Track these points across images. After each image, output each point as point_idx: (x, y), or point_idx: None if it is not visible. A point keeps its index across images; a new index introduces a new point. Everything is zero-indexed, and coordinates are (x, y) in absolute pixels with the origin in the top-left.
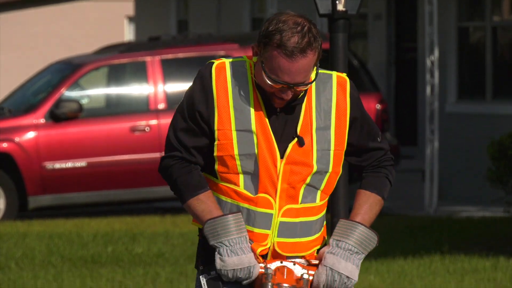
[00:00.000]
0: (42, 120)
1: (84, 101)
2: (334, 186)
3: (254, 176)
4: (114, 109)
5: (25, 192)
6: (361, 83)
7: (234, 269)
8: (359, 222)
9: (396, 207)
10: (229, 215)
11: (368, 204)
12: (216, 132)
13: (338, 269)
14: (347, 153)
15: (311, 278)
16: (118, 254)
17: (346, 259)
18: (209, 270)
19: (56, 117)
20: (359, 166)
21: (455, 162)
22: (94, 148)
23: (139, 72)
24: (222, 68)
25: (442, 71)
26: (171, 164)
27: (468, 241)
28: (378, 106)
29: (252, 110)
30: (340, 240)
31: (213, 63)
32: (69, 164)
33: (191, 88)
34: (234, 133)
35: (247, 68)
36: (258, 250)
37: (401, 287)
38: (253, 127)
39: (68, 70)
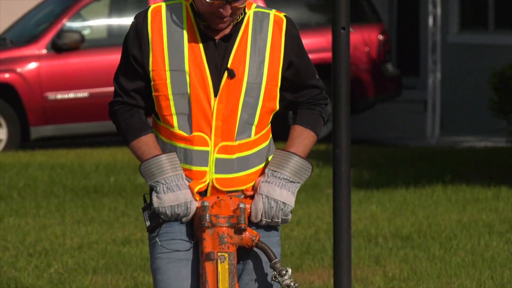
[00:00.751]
0: (44, 51)
1: (86, 32)
2: (269, 121)
3: (188, 116)
4: (116, 39)
5: (27, 122)
6: (363, 14)
7: (171, 206)
8: (293, 153)
9: (398, 137)
10: (163, 155)
11: (302, 137)
12: (151, 73)
13: (273, 196)
14: (283, 88)
15: (247, 206)
16: (120, 184)
17: (281, 187)
18: (151, 205)
19: (58, 47)
20: (295, 102)
21: (457, 93)
22: (96, 78)
23: (141, 3)
24: (158, 11)
25: (444, 1)
26: (115, 109)
27: (470, 171)
28: (380, 37)
29: (186, 49)
30: (275, 170)
31: (149, 7)
32: (71, 95)
33: (126, 34)
34: (168, 73)
35: (183, 9)
36: (197, 188)
37: (403, 217)
38: (186, 67)
39: (70, 1)
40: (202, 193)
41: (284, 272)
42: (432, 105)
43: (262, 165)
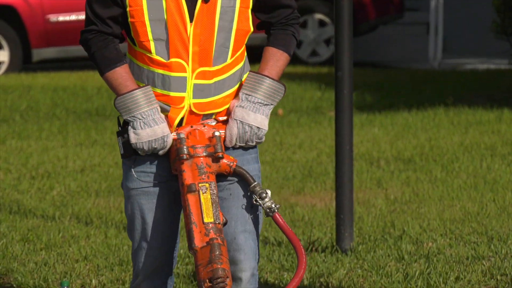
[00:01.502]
0: None
1: None
2: (245, 43)
3: (165, 42)
4: None
5: (29, 44)
6: None
7: (149, 141)
8: (266, 76)
9: (400, 60)
10: (137, 90)
11: (275, 59)
12: None
13: (248, 121)
14: (256, 9)
15: (222, 134)
16: None
17: (255, 111)
18: (124, 133)
19: None
20: (267, 23)
21: (460, 15)
22: None
23: None
24: None
25: None
26: (89, 38)
27: (472, 94)
28: None
29: None
30: (249, 94)
31: None
32: (72, 17)
33: None
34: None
35: None
36: (178, 118)
37: (405, 139)
38: None
39: None
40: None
41: (264, 194)
42: (435, 27)
43: (236, 87)
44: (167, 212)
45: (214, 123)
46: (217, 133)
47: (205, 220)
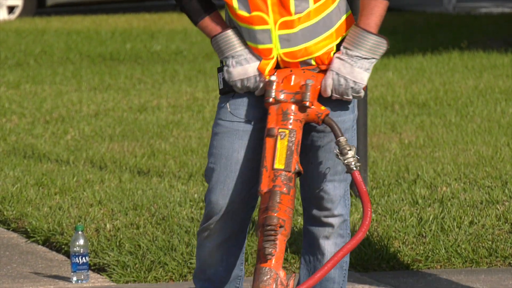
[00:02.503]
0: None
1: None
2: None
3: None
4: None
5: None
6: None
7: (241, 79)
8: (367, 31)
9: (415, 3)
10: (229, 30)
11: (375, 8)
12: None
13: (343, 74)
14: None
15: (315, 83)
16: (136, 51)
17: (353, 64)
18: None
19: None
20: None
21: None
22: None
23: None
24: None
25: None
26: None
27: (486, 37)
28: None
29: None
30: (349, 49)
31: None
32: None
33: None
34: None
35: None
36: (268, 67)
37: (420, 83)
38: None
39: None
40: (277, 67)
41: (346, 150)
42: None
43: (332, 30)
44: (251, 154)
45: (316, 71)
46: (309, 81)
47: (275, 166)
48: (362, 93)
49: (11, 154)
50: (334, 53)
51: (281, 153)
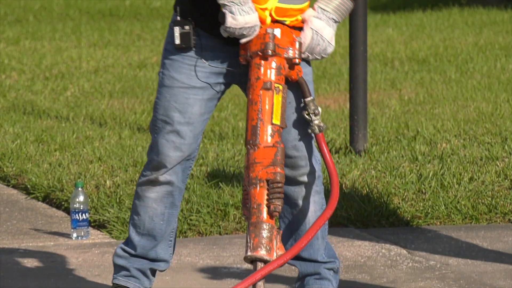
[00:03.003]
0: None
1: None
2: None
3: None
4: None
5: None
6: None
7: (242, 27)
8: None
9: None
10: None
11: None
12: None
13: (323, 34)
14: None
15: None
16: (136, 7)
17: (330, 26)
18: (184, 24)
19: None
20: None
21: None
22: None
23: None
24: None
25: None
26: None
27: None
28: None
29: None
30: (323, 9)
31: None
32: None
33: None
34: None
35: None
36: (268, 19)
37: (419, 40)
38: None
39: None
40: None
41: (317, 111)
42: None
43: (308, 3)
44: (204, 107)
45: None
46: (298, 39)
47: (274, 121)
48: (327, 56)
49: (10, 111)
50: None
51: (277, 108)
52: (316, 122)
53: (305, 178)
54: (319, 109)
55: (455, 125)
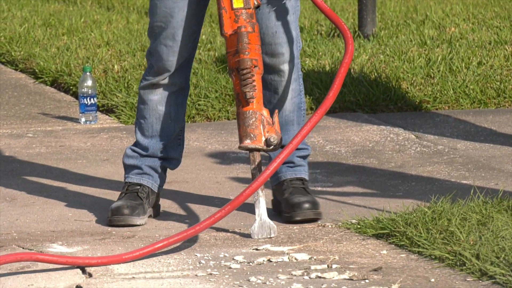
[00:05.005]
0: None
1: None
2: None
3: None
4: None
5: None
6: None
7: None
8: None
9: None
10: None
11: None
12: None
13: None
14: None
15: None
16: None
17: None
18: None
19: None
20: None
21: None
22: None
23: None
24: None
25: None
26: None
27: None
28: None
29: None
30: None
31: None
32: None
33: None
34: None
35: None
36: None
37: None
38: None
39: None
40: None
41: None
42: None
43: None
44: (195, 8)
45: None
46: None
47: (235, 6)
48: None
49: None
50: None
51: None
52: None
53: (285, 67)
54: None
55: (464, 9)
